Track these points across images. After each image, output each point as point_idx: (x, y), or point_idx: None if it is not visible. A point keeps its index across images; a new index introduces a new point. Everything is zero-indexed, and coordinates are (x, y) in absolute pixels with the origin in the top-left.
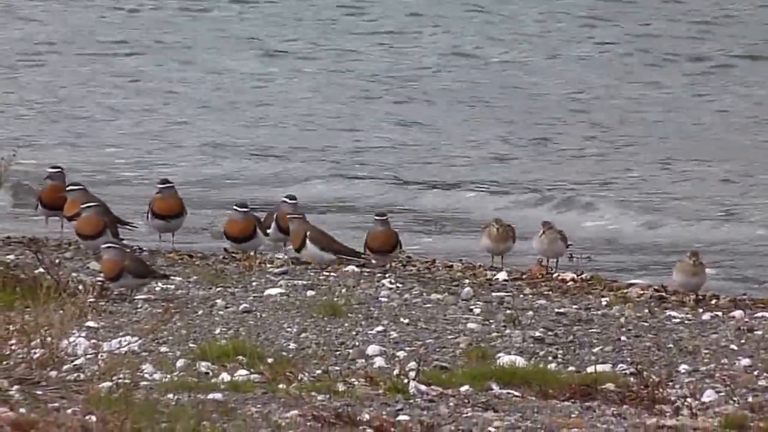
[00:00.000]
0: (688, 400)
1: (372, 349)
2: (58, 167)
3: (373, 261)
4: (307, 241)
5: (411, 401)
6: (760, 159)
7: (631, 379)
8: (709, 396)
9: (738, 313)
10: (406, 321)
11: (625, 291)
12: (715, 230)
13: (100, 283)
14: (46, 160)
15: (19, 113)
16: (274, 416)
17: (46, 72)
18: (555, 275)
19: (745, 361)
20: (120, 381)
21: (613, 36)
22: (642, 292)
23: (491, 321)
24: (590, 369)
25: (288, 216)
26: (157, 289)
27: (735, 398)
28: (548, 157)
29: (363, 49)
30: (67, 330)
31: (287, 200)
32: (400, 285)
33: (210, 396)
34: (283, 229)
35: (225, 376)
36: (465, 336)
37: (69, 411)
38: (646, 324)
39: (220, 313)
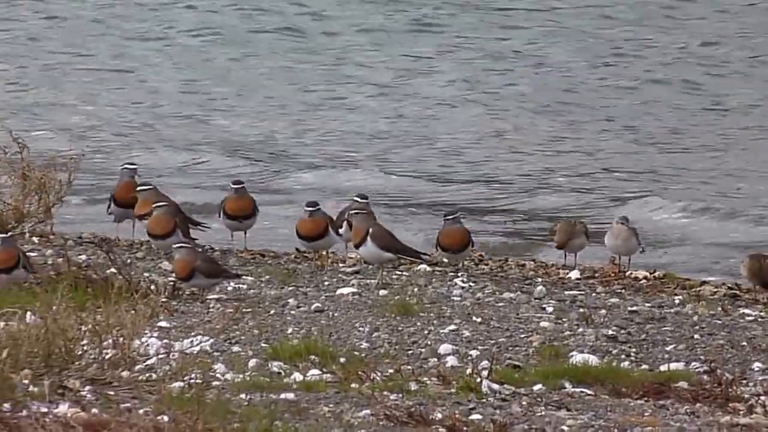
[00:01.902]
0: (762, 398)
1: (444, 348)
2: (133, 164)
3: (445, 260)
4: (368, 238)
5: (483, 400)
6: None
7: (705, 377)
8: None
9: None
10: (479, 320)
11: (698, 289)
12: None
13: (171, 283)
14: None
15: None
16: (346, 416)
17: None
18: (628, 273)
19: None
20: (192, 381)
21: None
22: (715, 290)
23: (564, 319)
24: (663, 367)
25: (352, 211)
26: (229, 288)
27: None
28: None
29: None
30: (138, 330)
31: (358, 199)
32: (472, 284)
33: (282, 396)
34: None
35: (297, 376)
36: (538, 335)
37: (141, 411)
38: (719, 322)
39: (292, 312)
